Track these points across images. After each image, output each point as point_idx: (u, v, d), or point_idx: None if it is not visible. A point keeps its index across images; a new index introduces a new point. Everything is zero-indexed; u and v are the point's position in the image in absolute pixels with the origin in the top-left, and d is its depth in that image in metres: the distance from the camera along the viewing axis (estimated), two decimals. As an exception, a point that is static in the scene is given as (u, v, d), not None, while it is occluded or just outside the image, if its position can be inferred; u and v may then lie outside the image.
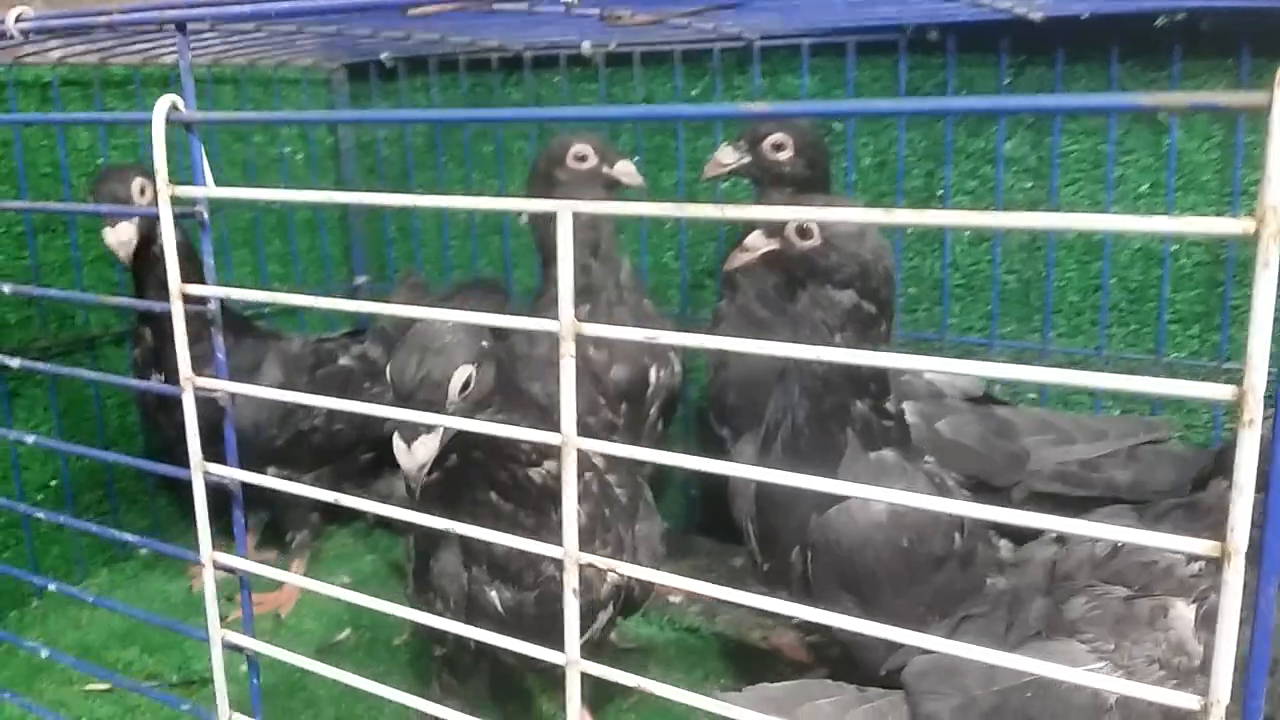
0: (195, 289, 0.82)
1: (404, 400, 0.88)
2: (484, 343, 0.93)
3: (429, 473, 0.88)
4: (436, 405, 0.88)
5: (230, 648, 0.91)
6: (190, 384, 0.84)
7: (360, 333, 1.71)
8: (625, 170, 1.40)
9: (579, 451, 0.99)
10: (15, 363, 1.10)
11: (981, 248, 1.40)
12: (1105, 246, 1.29)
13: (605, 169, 1.39)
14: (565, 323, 0.64)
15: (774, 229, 1.01)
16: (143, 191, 1.33)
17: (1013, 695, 0.83)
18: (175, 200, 0.80)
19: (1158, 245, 1.26)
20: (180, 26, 0.78)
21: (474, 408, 0.93)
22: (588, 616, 1.03)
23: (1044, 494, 1.21)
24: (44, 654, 1.18)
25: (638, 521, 1.10)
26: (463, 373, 0.91)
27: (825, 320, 1.02)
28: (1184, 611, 0.84)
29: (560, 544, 0.82)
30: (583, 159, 1.40)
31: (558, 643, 0.73)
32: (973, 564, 1.04)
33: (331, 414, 1.54)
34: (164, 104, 0.76)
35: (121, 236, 1.28)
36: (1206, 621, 0.83)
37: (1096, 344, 1.33)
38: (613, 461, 1.09)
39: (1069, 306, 1.35)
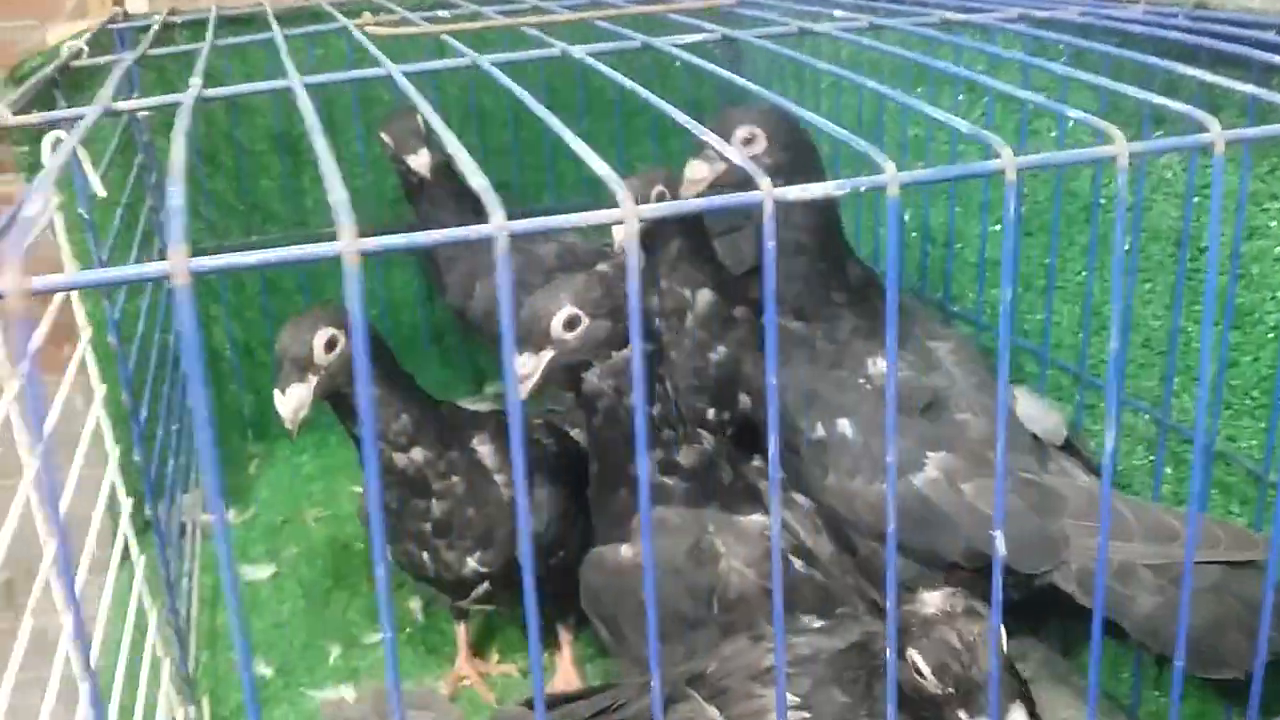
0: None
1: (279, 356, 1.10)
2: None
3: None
4: (301, 359, 1.08)
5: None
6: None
7: None
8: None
9: (449, 458, 1.16)
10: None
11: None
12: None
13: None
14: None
15: (539, 341, 1.03)
16: (386, 145, 1.66)
17: None
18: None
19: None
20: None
21: (347, 375, 1.11)
22: (460, 589, 1.30)
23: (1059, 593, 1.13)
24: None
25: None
26: (324, 334, 1.08)
27: (618, 386, 1.04)
28: None
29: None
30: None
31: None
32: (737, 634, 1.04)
33: None
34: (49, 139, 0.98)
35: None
36: None
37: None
38: (504, 461, 1.24)
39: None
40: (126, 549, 1.25)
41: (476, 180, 0.54)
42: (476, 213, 1.64)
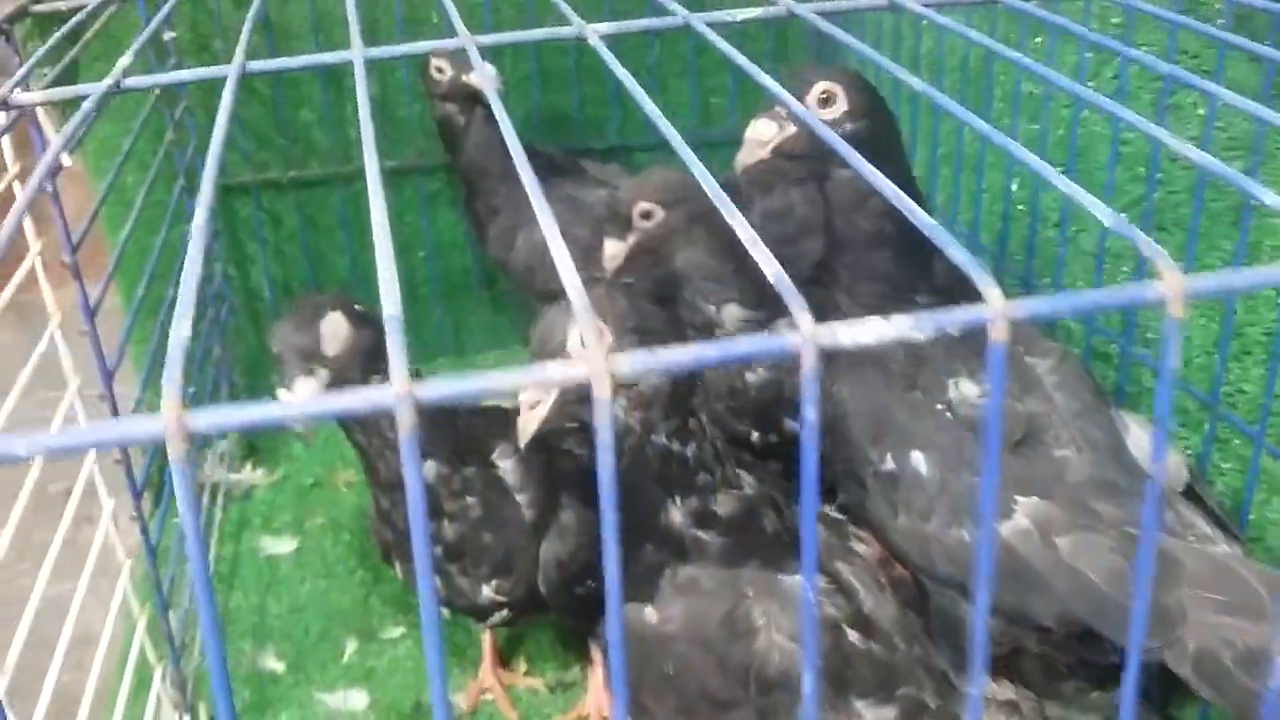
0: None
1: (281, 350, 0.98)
2: (357, 306, 1.01)
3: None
4: (308, 350, 0.97)
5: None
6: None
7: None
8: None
9: (465, 475, 1.03)
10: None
11: None
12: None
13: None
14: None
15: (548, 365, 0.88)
16: (440, 70, 1.50)
17: None
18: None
19: None
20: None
21: (362, 373, 0.99)
22: (475, 614, 1.18)
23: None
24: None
25: (546, 541, 1.10)
26: (331, 320, 0.97)
27: (646, 421, 0.89)
28: None
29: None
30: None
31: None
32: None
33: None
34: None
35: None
36: None
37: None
38: (526, 478, 1.09)
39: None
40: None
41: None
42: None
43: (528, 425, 0.86)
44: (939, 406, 1.04)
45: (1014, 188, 1.35)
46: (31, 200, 0.58)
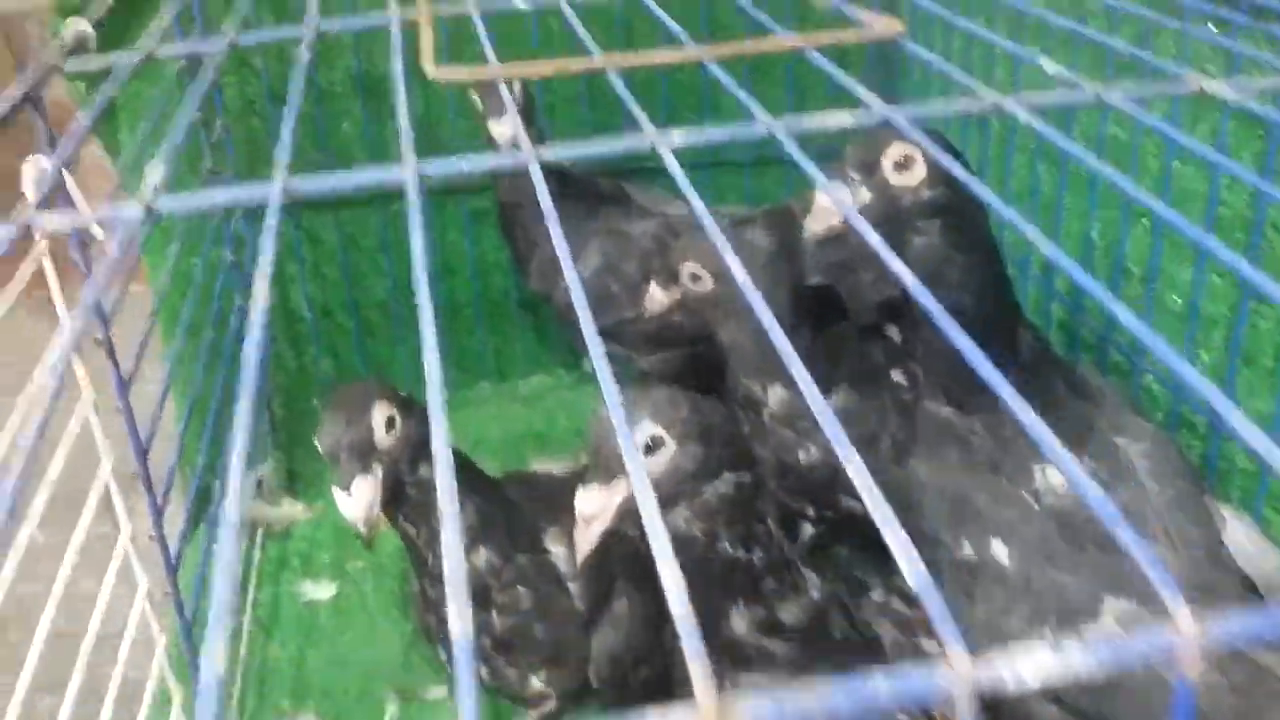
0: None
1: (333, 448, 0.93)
2: (400, 393, 0.97)
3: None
4: (362, 445, 0.93)
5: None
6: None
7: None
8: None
9: (518, 564, 0.99)
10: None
11: None
12: None
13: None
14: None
15: (611, 469, 0.83)
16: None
17: None
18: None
19: None
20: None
21: (411, 463, 0.96)
22: (522, 704, 1.13)
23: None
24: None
25: (598, 633, 1.05)
26: (381, 410, 0.93)
27: (710, 530, 0.85)
28: None
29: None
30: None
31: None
32: None
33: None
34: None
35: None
36: None
37: None
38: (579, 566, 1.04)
39: None
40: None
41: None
42: (564, 197, 1.42)
43: (585, 542, 0.81)
44: (1024, 494, 0.97)
45: (1095, 235, 1.27)
46: (82, 331, 0.53)
